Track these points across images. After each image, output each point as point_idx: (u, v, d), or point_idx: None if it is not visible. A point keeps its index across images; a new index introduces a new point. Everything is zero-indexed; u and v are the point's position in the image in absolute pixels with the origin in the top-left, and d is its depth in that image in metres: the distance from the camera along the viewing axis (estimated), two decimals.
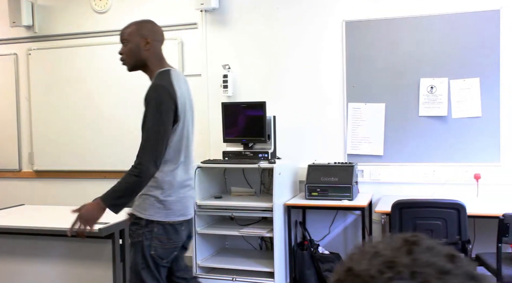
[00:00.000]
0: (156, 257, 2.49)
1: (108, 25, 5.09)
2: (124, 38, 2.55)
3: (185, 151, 2.57)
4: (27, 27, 5.30)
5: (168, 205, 2.50)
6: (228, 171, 4.59)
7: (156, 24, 2.63)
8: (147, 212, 2.49)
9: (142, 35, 2.53)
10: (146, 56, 2.54)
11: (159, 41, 2.59)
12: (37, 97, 5.36)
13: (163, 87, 2.44)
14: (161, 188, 2.49)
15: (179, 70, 2.69)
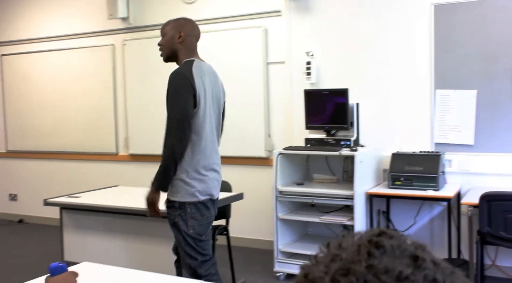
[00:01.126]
0: (195, 235, 2.74)
1: (197, 14, 5.25)
2: (163, 31, 2.85)
3: (210, 137, 2.78)
4: (122, 19, 5.62)
5: (193, 186, 2.72)
6: (311, 158, 4.60)
7: (192, 22, 2.91)
8: (178, 195, 2.72)
9: (177, 29, 2.80)
10: (178, 48, 2.81)
11: (194, 36, 2.86)
12: (131, 85, 5.68)
13: (180, 73, 2.69)
14: (185, 171, 2.71)
15: (209, 63, 2.90)
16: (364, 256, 0.44)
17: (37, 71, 6.36)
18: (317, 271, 0.45)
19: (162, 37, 2.86)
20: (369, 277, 0.43)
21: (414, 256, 0.45)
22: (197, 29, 2.90)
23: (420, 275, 0.43)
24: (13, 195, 6.76)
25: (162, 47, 2.86)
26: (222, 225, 3.90)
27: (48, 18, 6.26)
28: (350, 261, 0.44)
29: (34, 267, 4.62)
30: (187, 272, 2.84)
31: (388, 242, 0.46)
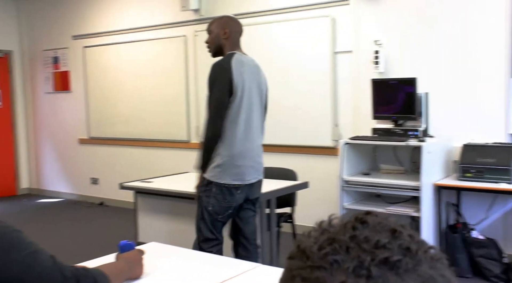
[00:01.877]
0: (213, 212, 2.97)
1: (265, 5, 5.32)
2: (209, 29, 3.07)
3: (245, 125, 2.95)
4: (194, 11, 5.79)
5: (224, 170, 2.92)
6: (378, 148, 4.56)
7: (235, 18, 3.13)
8: (209, 174, 2.96)
9: (222, 27, 3.00)
10: (223, 44, 3.01)
11: (237, 32, 3.05)
12: (202, 75, 5.84)
13: (219, 65, 2.90)
14: (220, 154, 2.91)
15: (250, 56, 3.09)
16: (349, 229, 0.50)
17: (115, 62, 6.70)
18: (307, 242, 0.51)
19: (209, 34, 3.06)
20: (351, 245, 0.48)
21: (393, 229, 0.50)
22: (240, 25, 3.08)
23: (396, 244, 0.48)
24: (95, 179, 7.19)
25: (209, 44, 3.07)
26: (287, 213, 3.97)
27: (125, 11, 6.57)
28: (336, 233, 0.50)
29: (112, 246, 4.93)
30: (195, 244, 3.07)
31: (372, 219, 0.51)
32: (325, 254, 0.48)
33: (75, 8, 7.12)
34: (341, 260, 0.47)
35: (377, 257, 0.47)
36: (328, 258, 0.47)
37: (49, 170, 7.81)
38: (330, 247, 0.48)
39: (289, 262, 0.51)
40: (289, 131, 5.22)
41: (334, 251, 0.48)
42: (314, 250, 0.49)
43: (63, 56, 7.35)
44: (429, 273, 0.48)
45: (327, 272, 0.47)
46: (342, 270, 0.46)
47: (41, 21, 7.60)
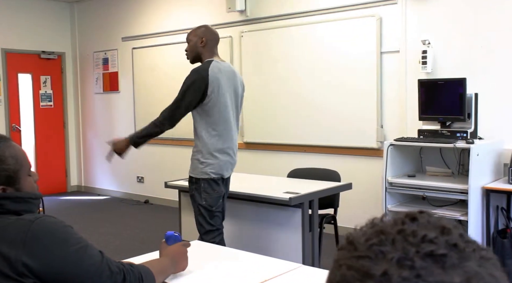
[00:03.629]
0: (207, 206, 3.22)
1: (311, 5, 5.31)
2: (188, 39, 3.33)
3: (223, 125, 3.24)
4: (240, 12, 5.84)
5: (207, 165, 3.21)
6: (424, 150, 4.47)
7: (211, 28, 3.37)
8: (195, 172, 3.24)
9: (199, 36, 3.28)
10: (201, 51, 3.28)
11: (213, 40, 3.31)
12: (247, 76, 5.89)
13: (197, 71, 3.19)
14: (201, 152, 3.23)
15: (227, 63, 3.41)
16: (398, 224, 0.51)
17: (161, 63, 6.83)
18: (356, 234, 0.53)
19: (188, 43, 3.33)
20: (397, 237, 0.49)
21: (443, 227, 0.51)
22: (216, 34, 3.35)
23: (443, 239, 0.49)
24: (140, 177, 7.36)
25: (188, 52, 3.34)
26: (330, 214, 3.95)
27: (172, 13, 6.69)
28: (385, 226, 0.52)
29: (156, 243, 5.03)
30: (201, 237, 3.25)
31: (422, 217, 0.52)
32: (371, 245, 0.50)
33: (125, 10, 7.31)
34: (386, 251, 0.48)
35: (422, 249, 0.48)
36: (374, 248, 0.49)
37: (97, 168, 8.04)
38: (376, 239, 0.50)
39: (338, 253, 0.53)
40: (333, 132, 5.19)
41: (380, 242, 0.50)
42: (361, 241, 0.51)
43: (112, 57, 7.56)
44: (476, 270, 0.48)
45: (371, 261, 0.48)
46: (386, 260, 0.48)
47: (92, 23, 7.84)
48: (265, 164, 5.79)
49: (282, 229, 3.52)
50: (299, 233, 3.44)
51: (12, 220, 1.39)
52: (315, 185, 3.74)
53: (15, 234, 1.35)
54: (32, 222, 1.38)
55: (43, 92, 7.91)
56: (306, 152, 5.42)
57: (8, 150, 1.46)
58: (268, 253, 3.41)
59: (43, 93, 7.91)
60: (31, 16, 7.64)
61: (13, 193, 1.45)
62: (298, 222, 3.44)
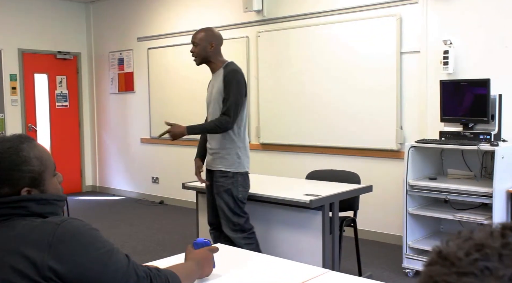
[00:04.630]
0: (242, 199, 3.43)
1: (330, 4, 5.25)
2: (195, 41, 3.45)
3: (245, 121, 3.52)
4: (257, 12, 5.79)
5: (243, 160, 3.44)
6: (445, 152, 4.39)
7: (217, 31, 3.52)
8: (232, 167, 3.41)
9: (208, 40, 3.43)
10: (210, 55, 3.45)
11: (220, 44, 3.49)
12: (263, 76, 5.85)
13: (238, 71, 3.41)
14: (238, 147, 3.42)
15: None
16: (498, 237, 0.47)
17: (177, 63, 6.80)
18: (449, 249, 0.48)
19: (194, 45, 3.45)
20: (504, 252, 0.45)
21: None
22: (221, 37, 3.52)
23: None
24: (155, 178, 7.34)
25: (196, 54, 3.46)
26: (350, 217, 3.88)
27: (188, 13, 6.66)
28: (483, 239, 0.47)
29: (171, 244, 5.00)
30: (231, 231, 3.42)
31: None
32: (475, 260, 0.46)
33: (140, 10, 7.30)
34: (494, 267, 0.44)
35: None
36: (478, 264, 0.45)
37: (112, 169, 8.04)
38: (479, 253, 0.46)
39: (429, 268, 0.49)
40: (351, 134, 5.12)
41: (484, 257, 0.46)
42: (460, 256, 0.47)
43: (127, 58, 7.56)
44: None
45: (477, 279, 0.44)
46: (495, 278, 0.44)
47: (108, 24, 7.84)
48: (281, 166, 5.73)
49: (302, 232, 3.47)
50: (319, 236, 3.38)
51: (37, 222, 1.36)
52: (335, 187, 3.68)
53: (41, 237, 1.32)
54: (58, 225, 1.34)
55: (59, 92, 7.93)
56: (324, 154, 5.36)
57: (33, 150, 1.42)
58: (288, 256, 3.36)
59: (59, 93, 7.93)
60: (47, 16, 7.67)
61: (38, 195, 1.41)
62: (319, 225, 3.38)
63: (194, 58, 3.49)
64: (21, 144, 1.41)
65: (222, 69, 3.45)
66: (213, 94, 3.48)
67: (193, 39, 3.46)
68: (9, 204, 1.37)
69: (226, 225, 3.46)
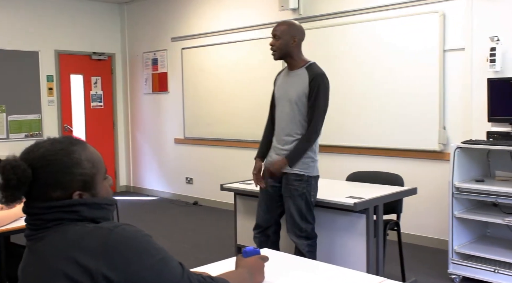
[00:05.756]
0: (314, 202, 3.28)
1: (370, 1, 5.11)
2: (276, 34, 3.23)
3: None
4: (293, 10, 5.70)
5: (316, 163, 3.31)
6: (492, 153, 4.21)
7: (301, 26, 3.31)
8: (308, 171, 3.25)
9: (291, 34, 3.22)
10: (292, 51, 3.24)
11: (302, 39, 3.31)
12: None
13: (326, 76, 3.23)
14: (314, 151, 3.28)
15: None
16: None
17: (211, 63, 6.76)
18: None
19: (275, 38, 3.23)
20: None
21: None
22: (304, 33, 3.33)
23: None
24: (189, 178, 7.31)
25: (276, 48, 3.24)
26: (393, 220, 3.75)
27: (222, 12, 6.61)
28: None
29: (209, 246, 4.94)
30: (296, 236, 3.25)
31: None
32: None
33: (174, 10, 7.28)
34: None
35: None
36: None
37: (146, 169, 8.06)
38: None
39: None
40: (392, 134, 4.97)
41: None
42: None
43: (161, 58, 7.56)
44: None
45: None
46: None
47: (142, 24, 7.86)
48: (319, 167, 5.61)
49: (345, 236, 3.36)
50: (363, 240, 3.27)
51: (90, 228, 1.30)
52: (379, 190, 3.56)
53: (94, 243, 1.26)
54: (111, 231, 1.28)
55: (94, 92, 7.99)
56: (363, 155, 5.23)
57: (84, 153, 1.37)
58: (330, 260, 3.27)
59: (94, 94, 7.99)
60: (82, 17, 7.73)
61: (90, 199, 1.36)
62: (363, 229, 3.27)
63: (272, 52, 3.26)
64: (72, 146, 1.36)
65: (304, 69, 3.24)
66: (289, 93, 3.26)
67: (274, 32, 3.24)
68: (61, 208, 1.31)
69: (291, 230, 3.28)
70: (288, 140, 3.27)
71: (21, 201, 1.34)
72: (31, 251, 1.33)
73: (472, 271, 3.83)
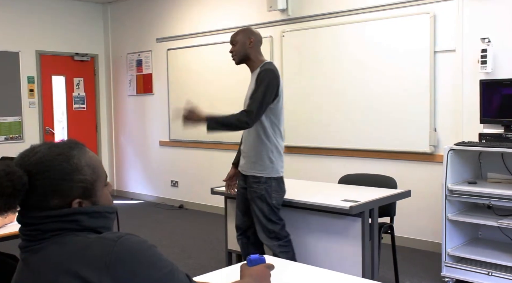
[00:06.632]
0: (276, 205, 3.27)
1: (360, 2, 5.08)
2: (233, 39, 3.33)
3: (282, 124, 3.34)
4: (281, 11, 5.64)
5: (276, 164, 3.27)
6: (483, 155, 4.19)
7: (255, 30, 3.39)
8: (265, 172, 3.25)
9: (247, 36, 3.29)
10: (249, 52, 3.29)
11: (259, 41, 3.34)
12: (288, 77, 5.68)
13: (272, 71, 3.21)
14: (271, 151, 3.26)
15: None
16: None
17: (197, 65, 6.67)
18: None
19: (233, 45, 3.32)
20: None
21: None
22: (260, 35, 3.38)
23: None
24: (175, 181, 7.20)
25: (235, 53, 3.31)
26: (387, 223, 3.71)
27: (209, 13, 6.52)
28: None
29: (199, 250, 4.84)
30: (267, 238, 3.28)
31: None
32: None
33: (159, 10, 7.17)
34: None
35: None
36: None
37: (130, 172, 7.91)
38: None
39: None
40: (382, 136, 4.94)
41: None
42: None
43: (146, 59, 7.43)
44: None
45: None
46: None
47: (126, 24, 7.72)
48: (308, 169, 5.57)
49: (339, 240, 3.30)
50: (358, 244, 3.21)
51: (92, 239, 1.21)
52: (373, 193, 3.51)
53: (97, 255, 1.17)
54: (115, 241, 1.19)
55: (76, 94, 7.82)
56: (353, 157, 5.18)
57: (84, 158, 1.28)
58: (324, 264, 3.20)
59: (76, 96, 7.82)
60: (64, 18, 7.57)
61: (90, 208, 1.26)
62: (358, 232, 3.22)
63: (232, 57, 3.34)
64: (71, 151, 1.27)
65: (259, 69, 3.29)
66: (247, 95, 3.35)
67: (232, 38, 3.35)
68: (60, 218, 1.22)
69: (261, 232, 3.32)
70: (246, 139, 3.37)
71: (15, 210, 1.24)
72: (26, 264, 1.24)
73: (466, 274, 3.81)
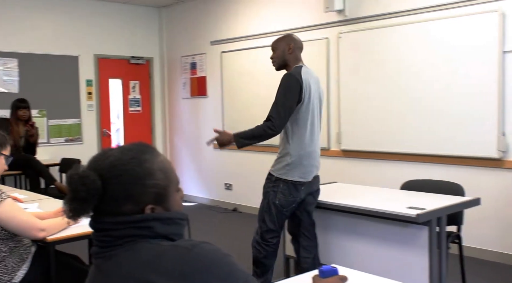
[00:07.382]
0: (279, 206, 3.27)
1: (420, 2, 4.89)
2: (273, 47, 3.40)
3: (310, 129, 3.27)
4: (338, 12, 5.51)
5: (292, 168, 3.23)
6: None
7: (296, 36, 3.42)
8: (278, 172, 3.28)
9: (287, 43, 3.35)
10: (288, 59, 3.34)
11: (299, 48, 3.38)
12: (345, 79, 5.55)
13: (291, 75, 3.22)
14: (290, 154, 3.24)
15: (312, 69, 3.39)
16: None
17: (251, 67, 6.62)
18: None
19: (274, 51, 3.38)
20: None
21: None
22: (301, 41, 3.41)
23: None
24: (228, 184, 7.18)
25: (275, 59, 3.38)
26: (454, 232, 3.52)
27: (263, 15, 6.47)
28: None
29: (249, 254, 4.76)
30: (256, 234, 3.37)
31: None
32: None
33: (213, 13, 7.18)
34: None
35: None
36: None
37: (184, 174, 7.96)
38: None
39: None
40: (445, 140, 4.73)
41: None
42: None
43: (200, 62, 7.46)
44: None
45: None
46: None
47: (180, 28, 7.79)
48: (364, 174, 5.41)
49: (404, 249, 3.15)
50: (425, 254, 3.06)
51: (165, 247, 1.15)
52: (440, 200, 3.34)
53: (171, 265, 1.11)
54: (190, 250, 1.13)
55: (132, 97, 7.95)
56: (415, 161, 4.99)
57: (157, 162, 1.23)
58: (388, 275, 3.05)
59: (132, 98, 7.95)
60: (121, 22, 7.71)
61: (163, 214, 1.21)
62: (425, 242, 3.06)
63: (273, 63, 3.41)
64: (143, 155, 1.22)
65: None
66: None
67: (272, 45, 3.42)
68: (133, 224, 1.17)
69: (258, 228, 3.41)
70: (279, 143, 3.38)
71: (88, 215, 1.20)
72: (100, 270, 1.20)
73: None
